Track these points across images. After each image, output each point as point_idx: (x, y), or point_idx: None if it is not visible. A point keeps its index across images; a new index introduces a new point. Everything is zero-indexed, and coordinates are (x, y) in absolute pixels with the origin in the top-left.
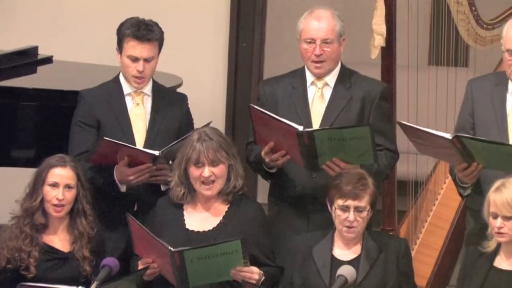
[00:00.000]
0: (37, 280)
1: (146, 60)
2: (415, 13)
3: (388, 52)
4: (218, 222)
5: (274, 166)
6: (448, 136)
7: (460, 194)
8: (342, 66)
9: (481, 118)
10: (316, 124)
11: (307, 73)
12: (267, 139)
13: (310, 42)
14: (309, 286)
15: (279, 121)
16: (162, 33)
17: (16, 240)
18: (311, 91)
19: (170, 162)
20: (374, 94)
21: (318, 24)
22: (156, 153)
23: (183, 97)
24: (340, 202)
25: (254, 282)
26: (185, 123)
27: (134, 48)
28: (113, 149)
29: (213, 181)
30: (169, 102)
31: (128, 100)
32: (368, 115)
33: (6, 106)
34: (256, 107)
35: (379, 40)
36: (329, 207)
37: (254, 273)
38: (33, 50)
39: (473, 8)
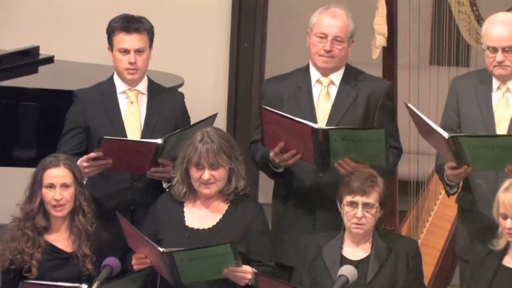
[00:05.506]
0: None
1: (137, 52)
2: (416, 12)
3: (390, 52)
4: (217, 220)
5: (284, 166)
6: (445, 134)
7: (447, 192)
8: (347, 65)
9: (467, 115)
10: (321, 122)
11: (312, 71)
12: (277, 139)
13: (321, 37)
14: (318, 285)
15: (292, 120)
16: (151, 25)
17: (18, 242)
18: (316, 90)
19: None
20: (379, 93)
21: (333, 20)
22: (159, 141)
23: (180, 96)
24: (348, 198)
25: (247, 281)
26: (182, 122)
27: (124, 40)
28: (115, 147)
29: (212, 183)
30: (165, 101)
31: (122, 98)
32: (373, 114)
33: (7, 106)
34: (268, 108)
35: (381, 40)
36: (338, 206)
37: (247, 272)
38: (35, 50)
39: (474, 8)
